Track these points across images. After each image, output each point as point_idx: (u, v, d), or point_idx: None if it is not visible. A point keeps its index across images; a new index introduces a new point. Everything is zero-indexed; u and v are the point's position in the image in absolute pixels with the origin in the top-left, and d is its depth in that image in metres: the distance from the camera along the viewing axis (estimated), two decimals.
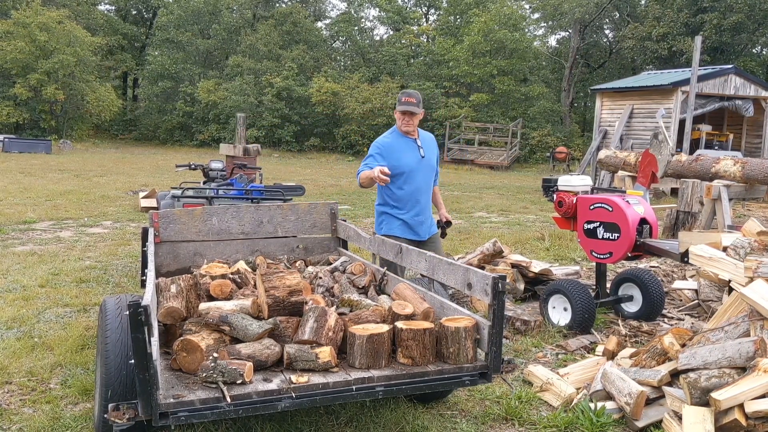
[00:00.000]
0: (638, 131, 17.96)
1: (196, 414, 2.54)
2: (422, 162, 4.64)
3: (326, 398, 2.72)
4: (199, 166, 7.43)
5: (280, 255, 4.78)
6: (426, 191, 4.70)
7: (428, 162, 4.69)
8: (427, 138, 4.82)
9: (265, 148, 29.62)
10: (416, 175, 4.61)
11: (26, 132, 30.28)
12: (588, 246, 5.35)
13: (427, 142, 4.76)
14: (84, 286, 6.45)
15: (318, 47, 39.18)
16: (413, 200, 4.63)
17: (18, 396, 3.90)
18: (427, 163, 4.68)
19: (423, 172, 4.65)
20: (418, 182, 4.63)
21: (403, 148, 4.62)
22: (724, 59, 28.04)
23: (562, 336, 5.18)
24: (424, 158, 4.65)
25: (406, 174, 4.58)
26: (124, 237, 9.19)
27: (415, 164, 4.61)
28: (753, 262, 4.04)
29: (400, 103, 4.59)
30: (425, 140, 4.76)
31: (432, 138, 4.91)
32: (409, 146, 4.64)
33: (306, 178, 18.87)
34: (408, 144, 4.65)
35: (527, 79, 34.25)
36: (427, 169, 4.68)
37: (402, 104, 4.58)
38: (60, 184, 15.08)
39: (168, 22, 37.62)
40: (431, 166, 4.72)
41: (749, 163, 9.13)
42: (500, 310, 2.91)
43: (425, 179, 4.68)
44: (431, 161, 4.72)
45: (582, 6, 32.51)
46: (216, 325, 3.01)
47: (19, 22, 30.09)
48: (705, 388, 3.37)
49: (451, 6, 38.16)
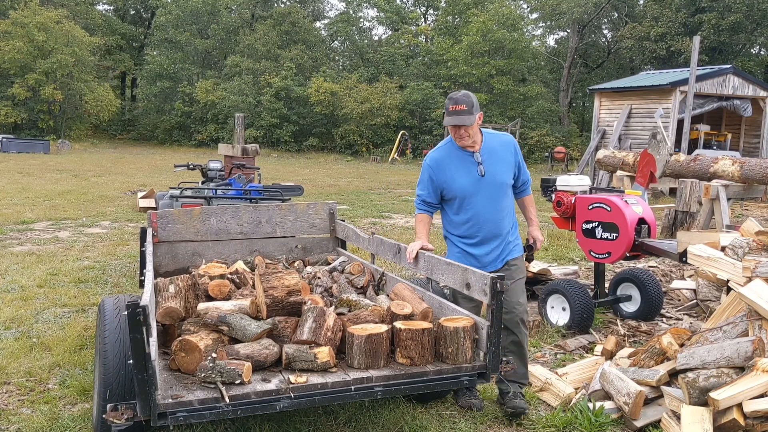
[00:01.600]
0: (637, 131, 17.97)
1: (195, 414, 2.54)
2: (482, 182, 3.76)
3: (325, 398, 2.73)
4: (198, 166, 7.43)
5: (279, 255, 4.78)
6: (492, 215, 3.80)
7: (492, 179, 3.77)
8: (494, 146, 3.84)
9: (264, 148, 29.62)
10: (474, 200, 3.78)
11: (24, 132, 30.24)
12: (586, 246, 5.36)
13: (493, 152, 3.82)
14: (82, 286, 6.45)
15: (316, 47, 39.16)
16: (474, 228, 3.82)
17: (16, 396, 3.90)
18: (491, 182, 3.77)
19: (484, 193, 3.77)
20: (477, 207, 3.78)
21: (456, 167, 3.78)
22: (722, 59, 28.06)
23: (561, 336, 5.18)
24: (484, 177, 3.75)
25: (460, 199, 3.80)
26: (123, 237, 9.18)
27: (471, 186, 3.76)
28: (751, 261, 4.04)
29: (447, 112, 3.69)
30: (491, 150, 3.81)
31: (505, 142, 3.90)
32: (464, 163, 3.78)
33: (304, 178, 18.86)
34: (463, 160, 3.78)
35: (526, 79, 34.25)
36: (490, 188, 3.78)
37: (449, 114, 3.66)
38: (58, 184, 15.06)
39: (166, 22, 37.57)
40: (498, 183, 3.79)
41: (747, 163, 9.14)
42: (499, 310, 2.92)
43: (489, 202, 3.79)
44: (498, 176, 3.79)
45: (580, 6, 32.51)
46: (214, 325, 3.01)
47: (17, 22, 30.05)
48: (703, 387, 3.37)
49: (450, 6, 38.15)
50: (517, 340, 3.79)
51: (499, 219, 3.83)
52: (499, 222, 3.83)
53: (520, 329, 3.78)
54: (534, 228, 4.14)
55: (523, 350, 3.83)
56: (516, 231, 3.97)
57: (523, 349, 3.83)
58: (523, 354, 3.83)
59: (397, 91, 33.33)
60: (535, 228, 4.15)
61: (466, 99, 3.65)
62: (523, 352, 3.84)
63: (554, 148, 26.50)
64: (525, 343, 3.84)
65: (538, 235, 4.13)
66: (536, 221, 4.18)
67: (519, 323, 3.77)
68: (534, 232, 4.13)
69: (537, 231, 4.15)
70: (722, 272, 4.45)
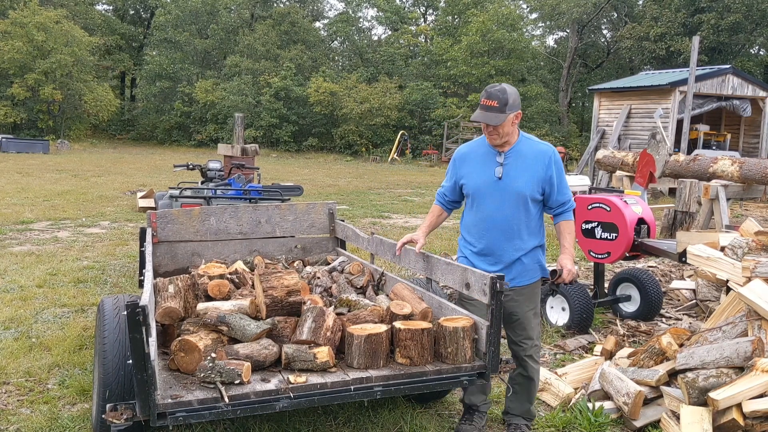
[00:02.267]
0: (636, 131, 17.97)
1: (194, 414, 2.54)
2: (498, 184, 3.40)
3: (324, 398, 2.73)
4: (197, 166, 7.42)
5: (279, 255, 4.78)
6: (502, 224, 3.42)
7: (508, 185, 3.39)
8: (525, 151, 3.44)
9: (263, 148, 29.61)
10: (486, 200, 3.44)
11: (24, 132, 30.22)
12: (586, 246, 5.36)
13: (521, 157, 3.42)
14: (82, 286, 6.44)
15: (316, 47, 39.15)
16: (480, 231, 3.49)
17: (16, 396, 3.90)
18: (506, 187, 3.39)
19: (498, 197, 3.40)
20: (488, 209, 3.44)
21: (478, 162, 3.50)
22: (721, 59, 28.07)
23: (561, 336, 5.19)
24: (501, 180, 3.39)
25: (472, 196, 3.51)
26: (122, 237, 9.17)
27: (486, 186, 3.43)
28: (750, 261, 4.04)
29: (479, 105, 3.40)
30: (519, 154, 3.43)
31: (540, 151, 3.45)
32: (486, 160, 3.46)
33: (304, 178, 18.86)
34: (486, 157, 3.47)
35: (525, 79, 34.24)
36: (504, 194, 3.39)
37: (479, 109, 3.36)
38: (57, 184, 15.05)
39: (166, 22, 37.55)
40: (514, 191, 3.38)
41: (746, 163, 9.14)
42: (498, 310, 2.92)
43: (501, 208, 3.41)
44: (516, 183, 3.38)
45: (580, 6, 32.52)
46: (214, 325, 3.00)
47: (16, 22, 30.02)
48: (703, 387, 3.37)
49: (449, 6, 38.15)
50: (525, 374, 3.48)
51: (510, 230, 3.41)
52: (510, 234, 3.41)
53: (527, 364, 3.45)
54: (565, 256, 3.47)
55: (530, 385, 3.51)
56: (538, 256, 3.51)
57: (531, 383, 3.51)
58: (529, 389, 3.52)
59: (396, 91, 33.32)
60: (566, 257, 3.47)
61: (500, 95, 3.30)
62: (530, 387, 3.51)
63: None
64: (535, 377, 3.51)
65: (566, 263, 3.43)
66: (570, 250, 3.51)
67: (526, 359, 3.45)
68: (564, 260, 3.46)
69: (568, 260, 3.46)
70: (722, 272, 4.45)
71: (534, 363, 3.48)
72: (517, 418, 3.54)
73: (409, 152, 30.48)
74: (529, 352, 3.45)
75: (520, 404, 3.52)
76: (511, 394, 3.50)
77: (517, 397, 3.51)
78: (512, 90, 3.36)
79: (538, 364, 3.54)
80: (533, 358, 3.47)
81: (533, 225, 3.48)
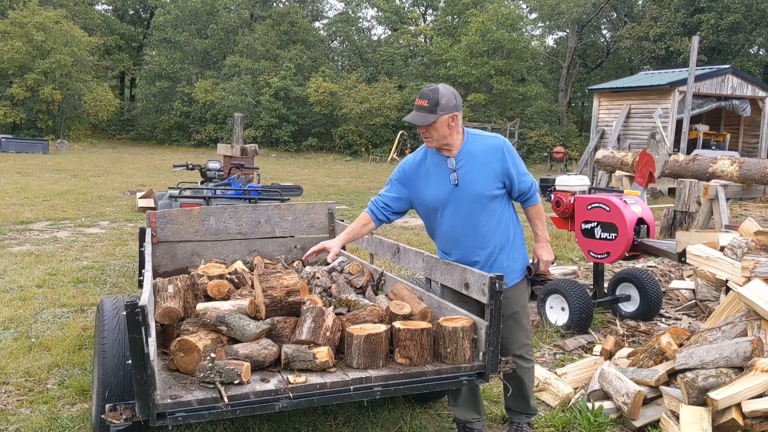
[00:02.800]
0: (635, 131, 17.98)
1: (194, 414, 2.54)
2: (455, 192, 3.24)
3: (324, 398, 2.72)
4: (197, 166, 7.42)
5: (278, 255, 4.78)
6: (469, 232, 3.28)
7: (467, 190, 3.23)
8: (476, 150, 3.26)
9: (263, 148, 29.60)
10: (447, 212, 3.29)
11: (23, 132, 30.21)
12: (585, 246, 5.36)
13: (473, 157, 3.24)
14: (81, 286, 6.44)
15: (315, 47, 39.14)
16: (449, 243, 3.38)
17: (15, 396, 3.90)
18: (466, 193, 3.23)
19: (458, 206, 3.26)
20: (449, 222, 3.30)
21: (428, 174, 3.31)
22: (721, 59, 28.07)
23: (560, 336, 5.19)
24: (458, 187, 3.24)
25: (431, 211, 3.36)
26: (122, 237, 9.17)
27: (443, 196, 3.27)
28: (750, 261, 4.04)
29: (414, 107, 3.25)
30: (470, 155, 3.25)
31: (491, 146, 3.27)
32: (438, 170, 3.29)
33: (303, 178, 18.86)
34: (437, 167, 3.29)
35: (525, 79, 34.25)
36: (465, 201, 3.25)
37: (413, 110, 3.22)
38: (57, 184, 15.05)
39: (165, 22, 37.55)
40: (474, 195, 3.23)
41: (746, 163, 9.14)
42: (497, 310, 2.91)
43: (465, 216, 3.26)
44: (474, 186, 3.23)
45: (579, 6, 32.53)
46: (213, 325, 3.00)
47: (16, 22, 30.01)
48: (702, 387, 3.37)
49: (449, 6, 38.15)
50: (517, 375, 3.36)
51: (479, 236, 3.27)
52: (481, 240, 3.27)
53: (518, 365, 3.30)
54: (541, 245, 3.43)
55: (522, 385, 3.43)
56: (517, 253, 3.38)
57: (523, 384, 3.43)
58: (522, 388, 3.44)
59: (396, 91, 33.32)
60: (542, 245, 3.42)
61: (431, 95, 3.13)
62: (523, 386, 3.44)
63: (553, 148, 26.50)
64: (525, 376, 3.41)
65: (542, 254, 3.40)
66: (543, 236, 3.45)
67: (517, 360, 3.31)
68: (539, 250, 3.42)
69: (543, 249, 3.42)
70: (721, 272, 4.45)
71: (525, 362, 3.41)
72: (519, 416, 3.53)
73: (409, 152, 30.34)
74: (518, 353, 3.36)
75: (518, 402, 3.51)
76: (509, 394, 3.50)
77: (513, 396, 3.50)
78: (447, 91, 3.17)
79: (531, 362, 3.46)
80: (524, 357, 3.40)
81: (504, 221, 3.33)
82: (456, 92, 3.23)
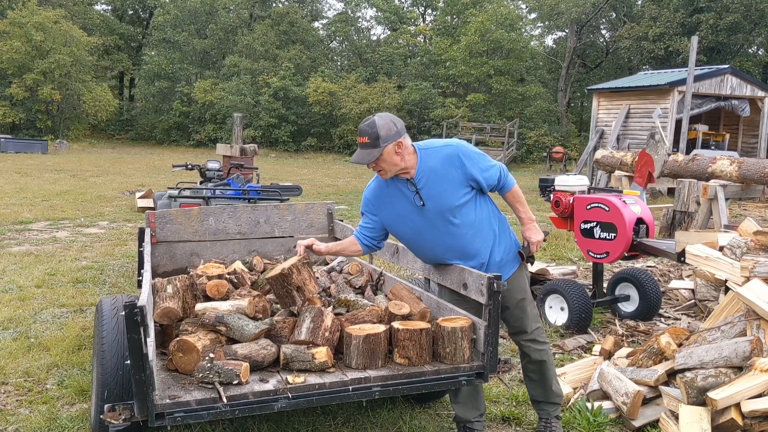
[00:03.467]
0: (635, 131, 17.98)
1: (193, 415, 2.54)
2: (425, 213, 3.17)
3: (323, 398, 2.72)
4: (196, 166, 7.42)
5: (277, 255, 4.77)
6: (451, 244, 3.23)
7: (436, 208, 3.16)
8: (433, 165, 3.16)
9: (262, 148, 29.58)
10: (421, 235, 3.25)
11: (22, 132, 30.19)
12: (585, 246, 5.36)
13: (433, 173, 3.15)
14: (80, 286, 6.44)
15: (315, 47, 39.15)
16: (434, 261, 3.41)
17: (14, 396, 3.89)
18: (436, 211, 3.16)
19: (430, 224, 3.19)
20: (426, 242, 3.27)
21: (392, 200, 3.24)
22: (720, 59, 28.08)
23: (559, 336, 5.19)
24: (425, 207, 3.16)
25: (403, 234, 3.33)
26: (121, 237, 9.17)
27: (413, 220, 3.22)
28: (749, 261, 4.04)
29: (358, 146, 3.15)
30: (429, 171, 3.15)
31: (447, 156, 3.17)
32: (400, 195, 3.21)
33: (303, 178, 18.85)
34: (399, 191, 3.21)
35: (524, 79, 34.24)
36: (435, 217, 3.17)
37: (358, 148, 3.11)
38: (56, 185, 15.04)
39: (164, 22, 37.53)
40: (444, 209, 3.15)
41: (745, 163, 9.14)
42: (496, 310, 2.91)
43: (442, 234, 3.20)
44: (443, 201, 3.15)
45: (579, 6, 32.54)
46: (212, 325, 3.00)
47: (15, 22, 30.00)
48: (702, 387, 3.37)
49: (448, 6, 38.16)
50: (533, 359, 3.38)
51: (462, 247, 3.22)
52: (466, 248, 3.22)
53: (531, 349, 3.34)
54: (527, 227, 3.38)
55: (542, 368, 3.39)
56: (505, 243, 3.33)
57: (544, 365, 3.39)
58: (543, 372, 3.40)
59: (395, 91, 33.31)
60: (528, 227, 3.38)
61: (369, 130, 3.03)
62: (543, 370, 3.40)
63: (552, 148, 26.50)
64: (545, 359, 3.38)
65: (531, 236, 3.36)
66: (527, 216, 3.39)
67: (530, 344, 3.34)
68: (526, 232, 3.38)
69: (530, 231, 3.37)
70: (720, 272, 4.45)
71: (540, 345, 3.36)
72: (545, 407, 3.46)
73: None
74: (530, 337, 3.35)
75: (542, 390, 3.44)
76: (530, 383, 3.43)
77: (535, 384, 3.44)
78: (384, 120, 3.06)
79: (545, 343, 3.41)
80: (537, 341, 3.36)
81: (483, 219, 3.25)
82: (394, 117, 3.13)
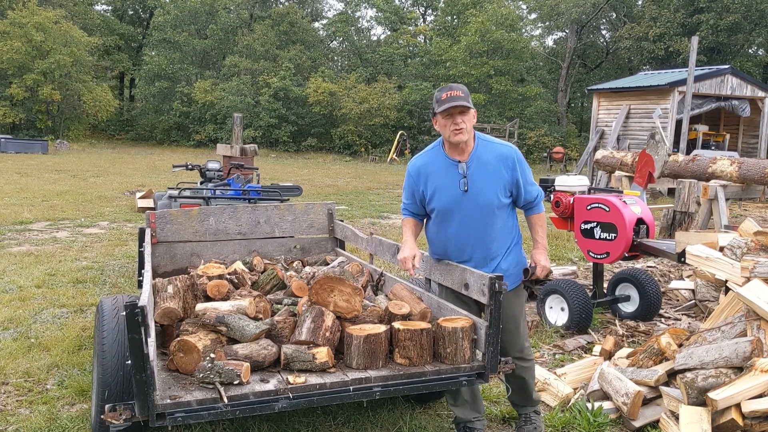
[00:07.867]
0: (635, 131, 17.98)
1: (193, 415, 2.54)
2: (464, 198, 3.23)
3: (323, 399, 2.72)
4: (196, 167, 7.41)
5: (277, 255, 4.78)
6: (474, 239, 3.29)
7: (475, 197, 3.23)
8: (487, 157, 3.25)
9: (262, 148, 29.60)
10: (453, 217, 3.29)
11: (22, 132, 30.19)
12: (585, 246, 5.36)
13: (484, 165, 3.24)
14: (80, 286, 6.44)
15: (315, 47, 39.15)
16: (452, 249, 3.38)
17: (14, 397, 3.89)
18: (474, 200, 3.23)
19: (465, 212, 3.25)
20: (455, 227, 3.30)
21: (438, 178, 3.30)
22: (720, 59, 28.10)
23: (560, 336, 5.19)
24: (467, 193, 3.23)
25: (439, 214, 3.35)
26: (121, 237, 9.17)
27: (452, 202, 3.26)
28: (749, 262, 4.04)
29: (439, 102, 3.16)
30: (481, 161, 3.25)
31: (503, 155, 3.27)
32: (448, 174, 3.27)
33: (303, 179, 18.85)
34: (448, 170, 3.27)
35: (524, 79, 34.26)
36: (472, 208, 3.24)
37: (443, 103, 3.12)
38: (56, 185, 15.04)
39: (164, 22, 37.52)
40: (482, 203, 3.23)
41: (745, 164, 9.15)
42: (497, 310, 2.91)
43: (471, 223, 3.26)
44: (483, 195, 3.22)
45: (579, 6, 32.55)
46: (213, 325, 3.00)
47: (15, 22, 29.99)
48: (702, 387, 3.37)
49: (448, 6, 38.16)
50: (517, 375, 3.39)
51: (483, 244, 3.29)
52: (485, 247, 3.29)
53: (517, 365, 3.30)
54: (539, 251, 3.41)
55: (523, 383, 3.47)
56: (515, 258, 3.39)
57: (524, 381, 3.46)
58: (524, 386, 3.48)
59: (395, 91, 33.32)
60: (540, 251, 3.41)
61: (461, 87, 3.18)
62: (524, 384, 3.47)
63: (552, 148, 26.52)
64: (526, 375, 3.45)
65: (540, 259, 3.39)
66: (543, 243, 3.44)
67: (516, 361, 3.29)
68: (537, 255, 3.41)
69: (541, 255, 3.40)
70: (720, 272, 4.45)
71: (526, 362, 3.44)
72: (524, 408, 3.56)
73: (408, 152, 30.44)
74: (518, 355, 3.39)
75: (521, 398, 3.55)
76: (510, 393, 3.53)
77: (516, 393, 3.53)
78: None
79: (531, 361, 3.49)
80: (524, 358, 3.43)
81: (507, 228, 3.36)
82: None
